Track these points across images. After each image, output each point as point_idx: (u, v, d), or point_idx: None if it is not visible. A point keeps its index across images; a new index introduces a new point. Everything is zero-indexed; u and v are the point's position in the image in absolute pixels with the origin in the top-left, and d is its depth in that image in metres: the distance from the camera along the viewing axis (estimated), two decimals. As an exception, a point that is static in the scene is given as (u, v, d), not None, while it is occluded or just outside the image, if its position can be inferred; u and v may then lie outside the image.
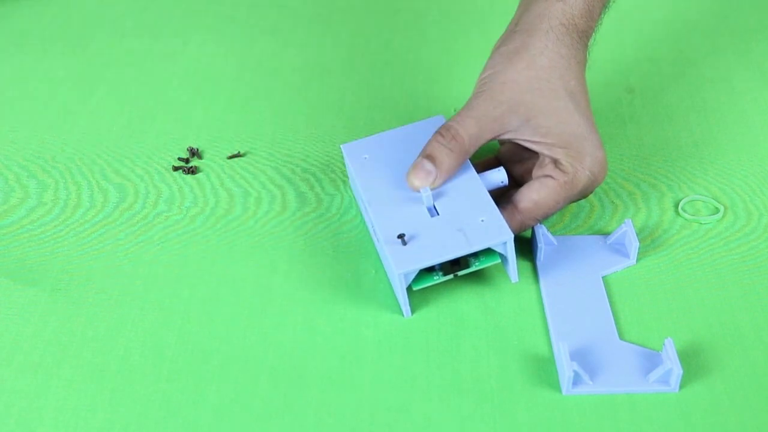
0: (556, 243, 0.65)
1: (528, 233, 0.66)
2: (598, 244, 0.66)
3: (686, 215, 0.68)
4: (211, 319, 0.62)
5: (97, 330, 0.61)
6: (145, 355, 0.59)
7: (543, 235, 0.64)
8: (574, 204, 0.69)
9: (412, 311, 0.62)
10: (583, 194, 0.64)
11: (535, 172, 0.64)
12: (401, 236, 0.59)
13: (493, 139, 0.63)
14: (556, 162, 0.62)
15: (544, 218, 0.63)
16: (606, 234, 0.67)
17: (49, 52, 0.86)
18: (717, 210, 0.69)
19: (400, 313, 0.62)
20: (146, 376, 0.58)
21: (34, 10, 0.92)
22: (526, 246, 0.66)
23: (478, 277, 0.63)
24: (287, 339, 0.60)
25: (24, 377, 0.58)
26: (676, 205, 0.69)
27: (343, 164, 0.73)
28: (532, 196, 0.62)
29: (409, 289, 0.60)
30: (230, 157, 0.74)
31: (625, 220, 0.65)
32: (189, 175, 0.72)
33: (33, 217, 0.69)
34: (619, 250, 0.65)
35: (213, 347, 0.60)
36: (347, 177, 0.72)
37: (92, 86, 0.82)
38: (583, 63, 0.64)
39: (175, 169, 0.73)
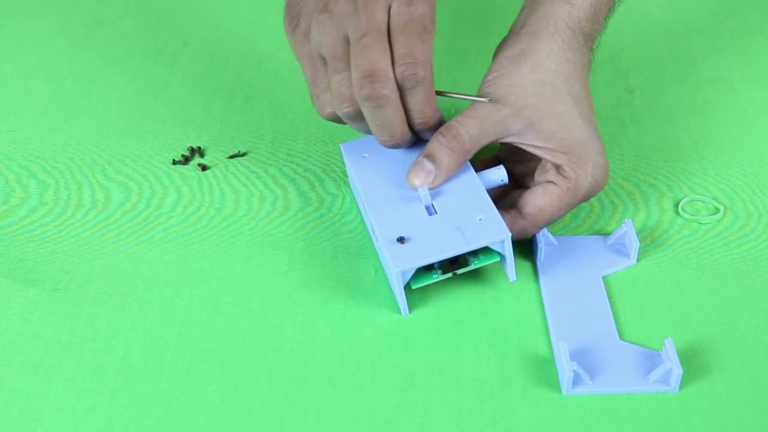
0: (556, 243, 0.65)
1: (528, 233, 0.66)
2: (598, 244, 0.66)
3: (686, 215, 0.68)
4: (211, 319, 0.62)
5: (97, 330, 0.61)
6: (145, 355, 0.59)
7: (543, 235, 0.64)
8: (574, 204, 0.69)
9: (412, 311, 0.62)
10: (585, 200, 0.63)
11: (537, 177, 0.63)
12: (401, 239, 0.59)
13: (495, 141, 0.63)
14: (558, 167, 0.62)
15: (546, 225, 0.63)
16: (606, 234, 0.67)
17: (49, 52, 0.86)
18: (717, 210, 0.69)
19: (400, 312, 0.62)
20: (146, 376, 0.58)
21: (34, 10, 0.92)
22: (526, 246, 0.66)
23: (478, 277, 0.63)
24: (287, 339, 0.60)
25: (24, 377, 0.58)
26: (676, 205, 0.69)
27: (344, 164, 0.73)
28: (536, 202, 0.62)
29: (408, 287, 0.60)
30: (231, 157, 0.74)
31: (625, 220, 0.65)
32: (202, 171, 0.72)
33: (33, 217, 0.69)
34: (619, 250, 0.65)
35: (213, 347, 0.60)
36: (348, 176, 0.72)
37: (92, 86, 0.82)
38: (587, 66, 0.64)
39: (175, 162, 0.73)
